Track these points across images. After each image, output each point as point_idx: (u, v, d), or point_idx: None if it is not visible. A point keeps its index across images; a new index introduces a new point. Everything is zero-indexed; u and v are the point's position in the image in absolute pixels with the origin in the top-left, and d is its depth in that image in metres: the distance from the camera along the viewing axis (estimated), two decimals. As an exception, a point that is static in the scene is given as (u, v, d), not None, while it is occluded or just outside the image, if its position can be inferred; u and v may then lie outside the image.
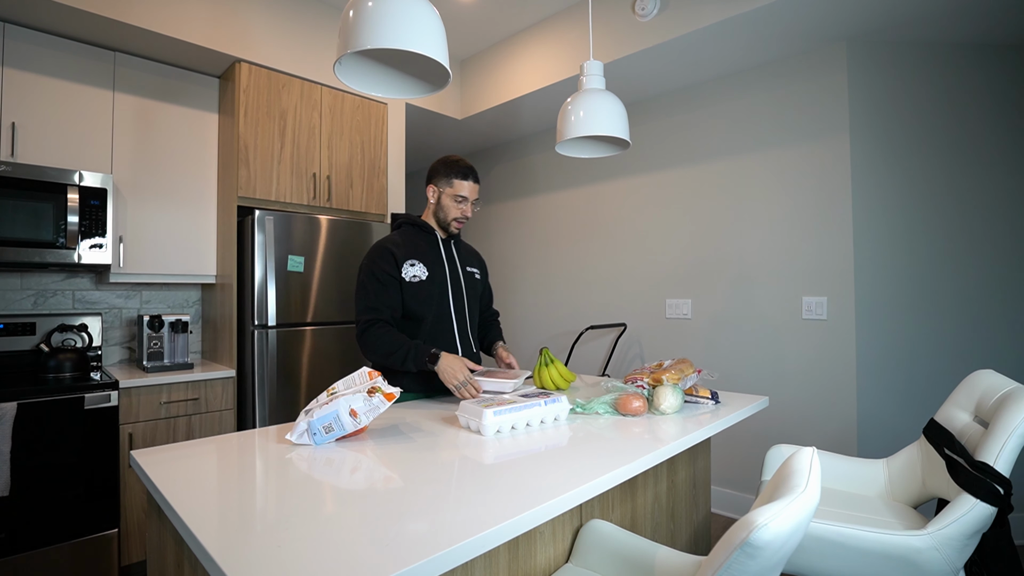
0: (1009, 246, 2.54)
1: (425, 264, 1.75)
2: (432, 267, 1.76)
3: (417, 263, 1.73)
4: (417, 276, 1.72)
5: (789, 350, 2.74)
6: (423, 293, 1.72)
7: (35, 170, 2.14)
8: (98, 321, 2.54)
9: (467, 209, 1.79)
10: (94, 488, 2.08)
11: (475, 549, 0.75)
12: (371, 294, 1.67)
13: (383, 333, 1.63)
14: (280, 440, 1.25)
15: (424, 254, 1.77)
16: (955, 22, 2.39)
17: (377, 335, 1.63)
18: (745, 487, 2.89)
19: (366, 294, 1.68)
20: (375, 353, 1.64)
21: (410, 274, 1.71)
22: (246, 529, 0.79)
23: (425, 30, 1.17)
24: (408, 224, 1.83)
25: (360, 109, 2.96)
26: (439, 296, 1.77)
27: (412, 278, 1.71)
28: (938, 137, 2.58)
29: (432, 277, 1.75)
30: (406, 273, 1.71)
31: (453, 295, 1.80)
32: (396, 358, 1.61)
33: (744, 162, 2.92)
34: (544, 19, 3.11)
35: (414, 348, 1.61)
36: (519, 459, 1.11)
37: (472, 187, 1.78)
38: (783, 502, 0.74)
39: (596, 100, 1.81)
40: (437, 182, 1.79)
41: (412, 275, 1.71)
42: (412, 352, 1.60)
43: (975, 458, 1.37)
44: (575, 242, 3.76)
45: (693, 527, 1.78)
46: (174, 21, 2.35)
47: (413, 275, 1.72)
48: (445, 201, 1.78)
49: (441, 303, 1.77)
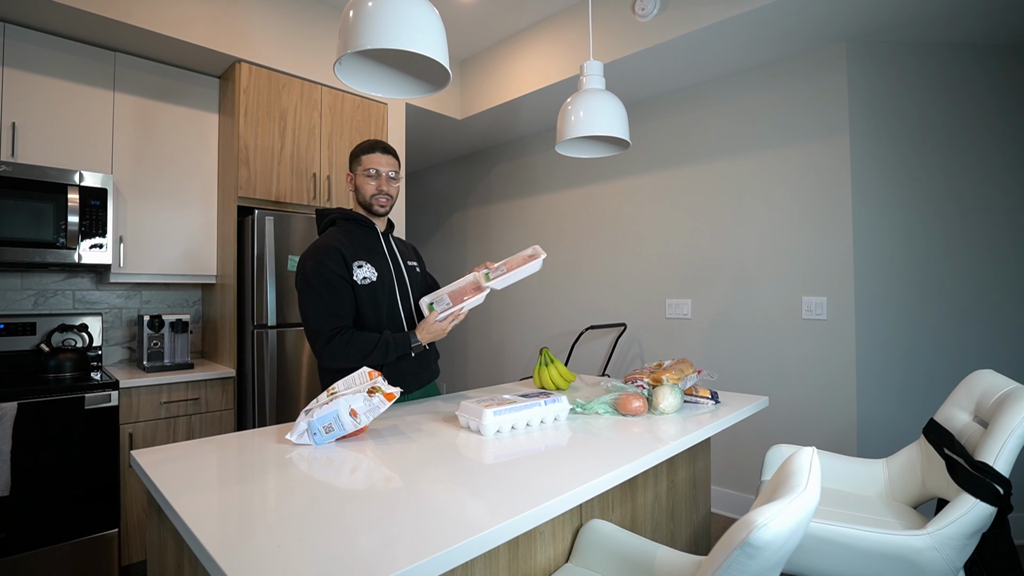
0: (1009, 246, 2.54)
1: (373, 264, 1.64)
2: (380, 267, 1.66)
3: (365, 264, 1.62)
4: (367, 278, 1.61)
5: (789, 350, 2.74)
6: (375, 296, 1.62)
7: (35, 170, 2.14)
8: (98, 321, 2.54)
9: (382, 183, 1.67)
10: (94, 488, 2.08)
11: (475, 549, 0.75)
12: (328, 300, 1.54)
13: (351, 337, 1.54)
14: (280, 440, 1.25)
15: (369, 253, 1.66)
16: (955, 22, 2.39)
17: (346, 340, 1.53)
18: (745, 487, 2.89)
19: (321, 301, 1.54)
20: (349, 358, 1.53)
21: (360, 276, 1.60)
22: (246, 529, 0.79)
23: (425, 30, 1.17)
24: (343, 219, 1.70)
25: (360, 109, 2.96)
26: (389, 297, 1.67)
27: (363, 280, 1.60)
28: (938, 137, 2.58)
29: (381, 277, 1.65)
30: (357, 275, 1.59)
31: (400, 294, 1.71)
32: (377, 354, 1.54)
33: (744, 162, 2.92)
34: (544, 19, 3.11)
35: (392, 338, 1.57)
36: (519, 459, 1.11)
37: (380, 157, 1.67)
38: (783, 502, 0.74)
39: (596, 100, 1.81)
40: (351, 168, 1.71)
41: (363, 277, 1.60)
42: (392, 342, 1.56)
43: (975, 458, 1.37)
44: (575, 242, 3.76)
45: (693, 527, 1.78)
46: (174, 21, 2.35)
47: (363, 277, 1.60)
48: (359, 181, 1.68)
49: (391, 304, 1.68)
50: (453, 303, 1.61)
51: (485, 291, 1.61)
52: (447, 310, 1.60)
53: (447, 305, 1.61)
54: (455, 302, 1.61)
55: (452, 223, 4.82)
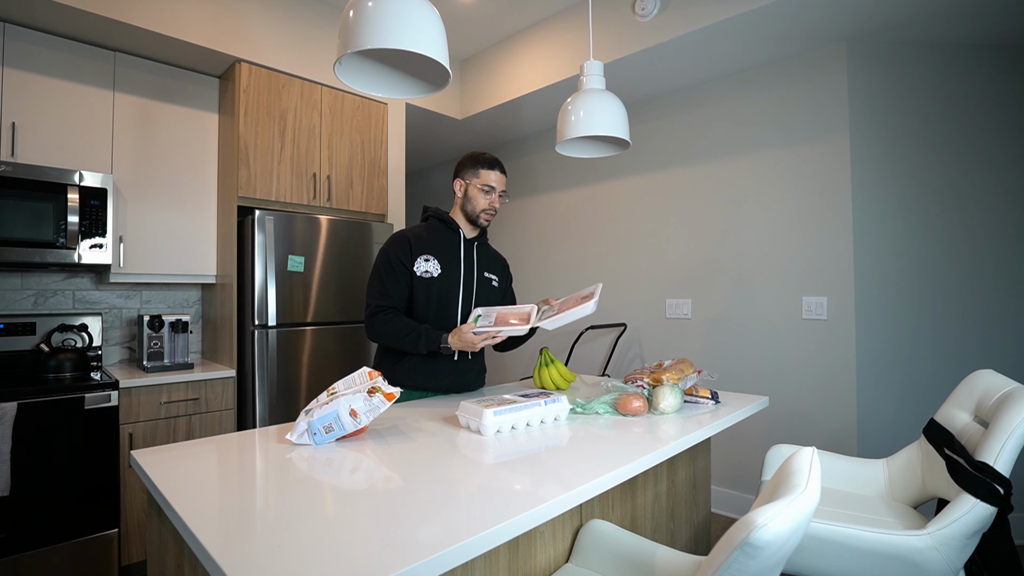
0: (1009, 246, 2.54)
1: (440, 262, 1.73)
2: (447, 266, 1.74)
3: (432, 259, 1.72)
4: (428, 272, 1.70)
5: (789, 350, 2.74)
6: (430, 291, 1.70)
7: (35, 170, 2.14)
8: (98, 321, 2.54)
9: (495, 200, 1.78)
10: (94, 488, 2.08)
11: (475, 549, 0.75)
12: (384, 280, 1.68)
13: (392, 318, 1.65)
14: (280, 440, 1.25)
15: (442, 251, 1.75)
16: (955, 22, 2.39)
17: (386, 320, 1.65)
18: (745, 487, 2.89)
19: (379, 279, 1.69)
20: (384, 336, 1.65)
21: (422, 268, 1.70)
22: (246, 529, 0.79)
23: (425, 30, 1.17)
24: (435, 218, 1.81)
25: (360, 109, 2.96)
26: (446, 297, 1.73)
27: (423, 273, 1.70)
28: (938, 137, 2.58)
29: (444, 276, 1.72)
30: (418, 267, 1.70)
31: (463, 299, 1.76)
32: (408, 341, 1.62)
33: (744, 162, 2.92)
34: (544, 19, 3.11)
35: (425, 332, 1.62)
36: (519, 459, 1.11)
37: (499, 177, 1.78)
38: (783, 502, 0.74)
39: (596, 100, 1.81)
40: (464, 175, 1.79)
41: (424, 270, 1.70)
42: (424, 336, 1.62)
43: (975, 458, 1.37)
44: (575, 242, 3.76)
45: (693, 527, 1.78)
46: (174, 21, 2.35)
47: (425, 270, 1.70)
48: (472, 192, 1.77)
49: (448, 305, 1.74)
50: (497, 323, 1.61)
51: (528, 326, 1.58)
52: (484, 327, 1.60)
53: (489, 323, 1.61)
54: (498, 323, 1.61)
55: (452, 223, 4.81)
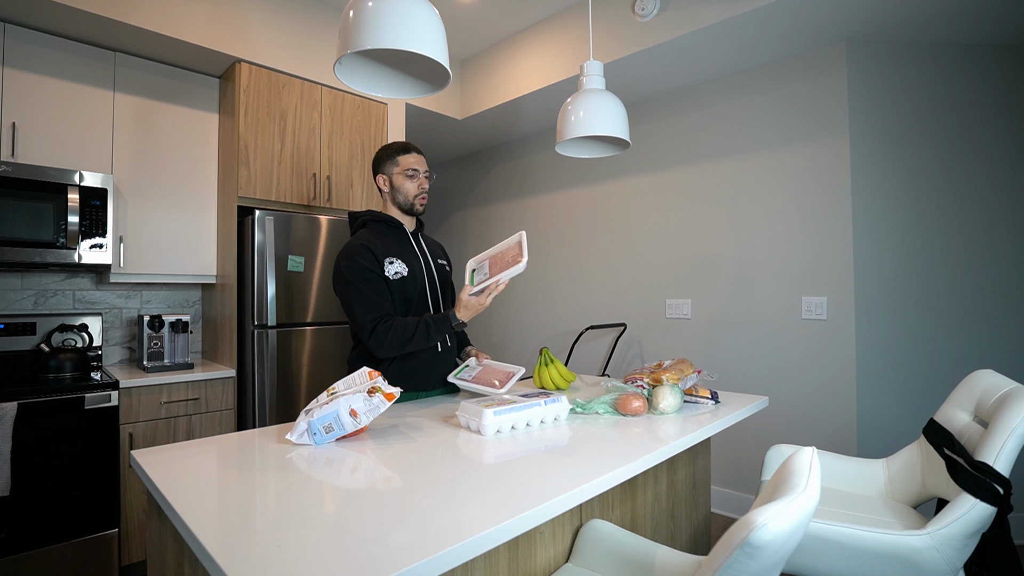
0: (1009, 246, 2.54)
1: (403, 260, 1.70)
2: (410, 263, 1.72)
3: (395, 260, 1.68)
4: (399, 273, 1.68)
5: (789, 350, 2.74)
6: (404, 291, 1.69)
7: (35, 170, 2.14)
8: (98, 321, 2.54)
9: (423, 181, 1.75)
10: (94, 488, 2.08)
11: (475, 549, 0.75)
12: (367, 294, 1.61)
13: (393, 323, 1.59)
14: (280, 440, 1.25)
15: (399, 251, 1.72)
16: (955, 22, 2.39)
17: (388, 328, 1.58)
18: (745, 487, 2.89)
19: (362, 295, 1.60)
20: (393, 346, 1.58)
21: (392, 271, 1.66)
22: (246, 529, 0.79)
23: (425, 30, 1.17)
24: (373, 220, 1.77)
25: (360, 109, 2.96)
26: (420, 293, 1.73)
27: (395, 275, 1.67)
28: (937, 137, 2.58)
29: (412, 273, 1.71)
30: (388, 271, 1.66)
31: (431, 290, 1.77)
32: (419, 338, 1.58)
33: (744, 162, 2.92)
34: (544, 19, 3.11)
35: (432, 320, 1.58)
36: (519, 459, 1.11)
37: (418, 158, 1.75)
38: (783, 502, 0.74)
39: (596, 100, 1.81)
40: (383, 169, 1.76)
41: (394, 272, 1.67)
42: (433, 325, 1.58)
43: (975, 458, 1.37)
44: (575, 242, 3.76)
45: (693, 527, 1.78)
46: (174, 21, 2.35)
47: (395, 272, 1.67)
48: (398, 181, 1.74)
49: (422, 299, 1.74)
50: (492, 271, 1.52)
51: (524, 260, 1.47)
52: (483, 282, 1.51)
53: (485, 275, 1.53)
54: (495, 270, 1.51)
55: (452, 223, 4.82)
